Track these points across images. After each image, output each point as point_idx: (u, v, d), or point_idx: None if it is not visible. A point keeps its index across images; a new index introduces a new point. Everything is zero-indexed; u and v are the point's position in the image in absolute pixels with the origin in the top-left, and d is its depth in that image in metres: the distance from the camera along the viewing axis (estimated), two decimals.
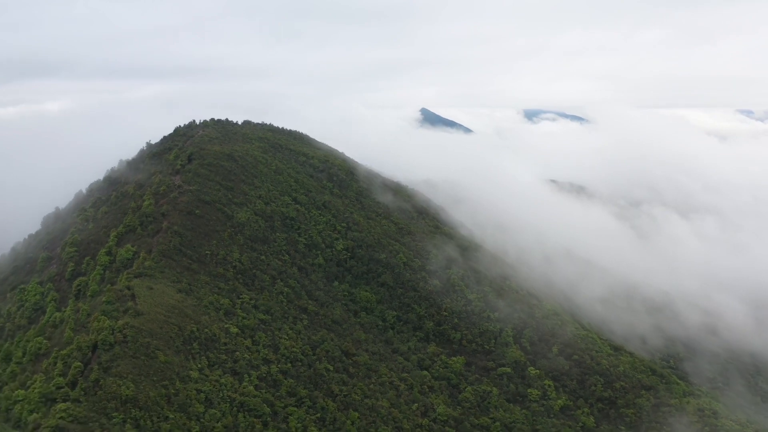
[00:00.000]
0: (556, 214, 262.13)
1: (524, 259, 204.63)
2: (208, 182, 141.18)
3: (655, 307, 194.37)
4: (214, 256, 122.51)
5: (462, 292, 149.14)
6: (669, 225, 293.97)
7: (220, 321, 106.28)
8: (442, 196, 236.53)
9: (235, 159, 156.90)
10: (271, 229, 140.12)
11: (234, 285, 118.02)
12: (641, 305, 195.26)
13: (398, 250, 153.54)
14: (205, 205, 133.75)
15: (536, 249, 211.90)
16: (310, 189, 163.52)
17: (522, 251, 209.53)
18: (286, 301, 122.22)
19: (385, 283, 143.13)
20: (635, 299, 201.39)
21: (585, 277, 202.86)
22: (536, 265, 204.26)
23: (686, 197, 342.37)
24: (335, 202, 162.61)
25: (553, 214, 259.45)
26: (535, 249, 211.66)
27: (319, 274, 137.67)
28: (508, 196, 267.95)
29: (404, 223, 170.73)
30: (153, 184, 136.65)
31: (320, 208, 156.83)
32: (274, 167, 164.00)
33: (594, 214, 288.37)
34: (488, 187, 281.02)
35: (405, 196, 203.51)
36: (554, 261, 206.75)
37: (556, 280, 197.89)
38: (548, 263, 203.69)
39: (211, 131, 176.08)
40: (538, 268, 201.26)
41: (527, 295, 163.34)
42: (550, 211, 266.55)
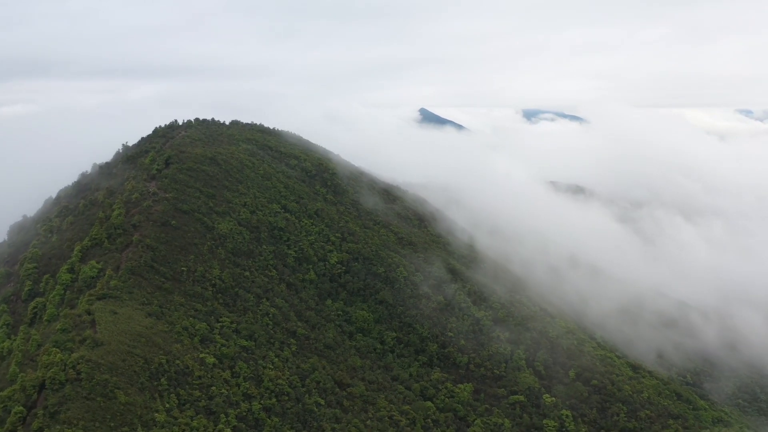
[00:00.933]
0: (559, 218, 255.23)
1: (530, 268, 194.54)
2: (186, 189, 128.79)
3: (669, 319, 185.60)
4: (191, 273, 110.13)
5: (468, 310, 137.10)
6: (674, 229, 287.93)
7: (195, 350, 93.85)
8: (442, 200, 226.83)
9: (219, 163, 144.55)
10: (256, 241, 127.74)
11: (213, 306, 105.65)
12: (654, 317, 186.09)
13: (398, 263, 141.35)
14: (183, 215, 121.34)
15: (541, 256, 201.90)
16: (302, 195, 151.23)
17: (527, 259, 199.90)
18: (272, 323, 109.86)
19: (384, 300, 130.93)
20: (647, 310, 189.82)
21: (593, 286, 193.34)
22: (543, 274, 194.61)
23: (688, 198, 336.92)
24: (329, 210, 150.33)
25: (555, 218, 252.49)
26: (540, 256, 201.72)
27: (311, 291, 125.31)
28: (509, 199, 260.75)
29: (404, 232, 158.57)
30: (125, 191, 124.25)
31: (312, 217, 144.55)
32: (262, 172, 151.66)
33: (597, 217, 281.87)
34: (489, 190, 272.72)
35: (405, 201, 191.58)
36: (560, 269, 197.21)
37: (564, 291, 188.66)
38: (555, 272, 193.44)
39: (194, 132, 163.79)
40: (545, 279, 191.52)
41: (539, 311, 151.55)
42: (552, 214, 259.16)
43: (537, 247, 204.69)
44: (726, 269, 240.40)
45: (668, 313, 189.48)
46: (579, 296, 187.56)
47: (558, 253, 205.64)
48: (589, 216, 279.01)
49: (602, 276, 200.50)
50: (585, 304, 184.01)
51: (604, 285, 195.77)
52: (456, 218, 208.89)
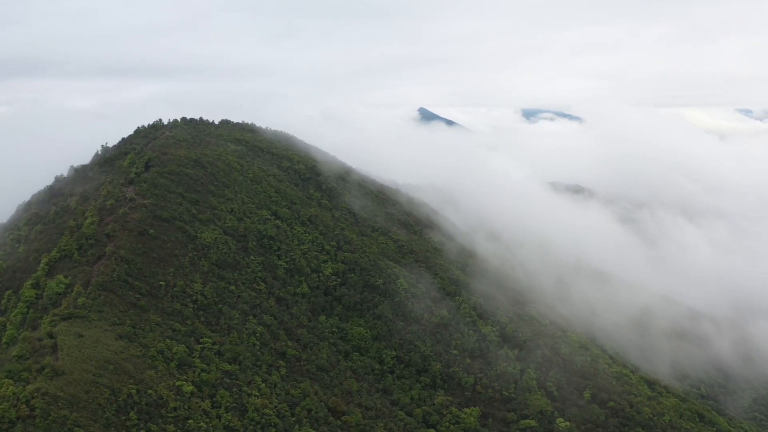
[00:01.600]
0: (560, 220, 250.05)
1: (534, 274, 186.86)
2: (167, 194, 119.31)
3: (679, 328, 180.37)
4: (170, 288, 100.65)
5: (474, 324, 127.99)
6: (676, 230, 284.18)
7: (171, 377, 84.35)
8: (441, 202, 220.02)
9: (204, 165, 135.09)
10: (243, 252, 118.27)
11: (193, 325, 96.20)
12: (664, 325, 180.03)
13: (398, 273, 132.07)
14: (162, 223, 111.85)
15: (545, 261, 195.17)
16: (294, 200, 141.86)
17: (531, 265, 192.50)
18: (260, 344, 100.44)
19: (383, 315, 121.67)
20: (656, 318, 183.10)
21: (600, 293, 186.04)
22: (548, 281, 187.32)
23: (689, 199, 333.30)
24: (324, 217, 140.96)
25: (557, 220, 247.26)
26: (544, 261, 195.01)
27: (303, 306, 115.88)
28: (510, 201, 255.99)
29: (404, 240, 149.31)
30: (99, 197, 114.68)
31: (305, 224, 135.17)
32: (251, 175, 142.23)
33: (599, 219, 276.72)
34: (488, 191, 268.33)
35: (404, 206, 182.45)
36: (565, 275, 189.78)
37: (570, 299, 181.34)
38: (560, 279, 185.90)
39: (179, 132, 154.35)
40: (551, 286, 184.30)
41: (549, 324, 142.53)
42: (553, 216, 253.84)
43: (540, 251, 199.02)
44: (733, 273, 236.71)
45: (678, 321, 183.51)
46: (586, 304, 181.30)
47: (562, 258, 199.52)
48: (590, 218, 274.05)
49: (608, 282, 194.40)
50: (593, 313, 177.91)
51: (611, 292, 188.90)
52: (456, 221, 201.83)
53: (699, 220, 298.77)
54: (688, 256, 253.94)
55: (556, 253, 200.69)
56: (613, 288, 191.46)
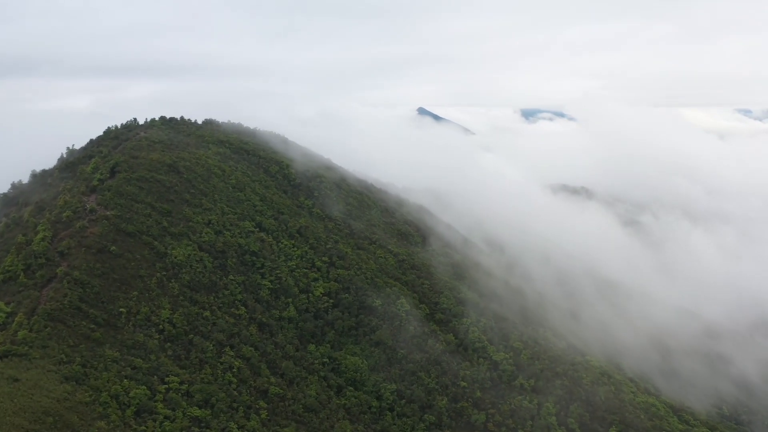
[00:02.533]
0: (564, 225, 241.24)
1: (543, 287, 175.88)
2: (134, 204, 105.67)
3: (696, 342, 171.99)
4: (132, 316, 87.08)
5: (485, 351, 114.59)
6: (683, 236, 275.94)
7: (126, 428, 70.75)
8: (441, 207, 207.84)
9: (179, 170, 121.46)
10: (221, 271, 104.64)
11: (158, 361, 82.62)
12: (680, 339, 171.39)
13: (399, 292, 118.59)
14: (127, 239, 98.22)
15: (551, 270, 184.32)
16: (282, 210, 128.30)
17: (537, 275, 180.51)
18: (237, 381, 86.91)
19: (381, 341, 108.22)
20: (671, 332, 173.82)
21: (612, 305, 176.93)
22: (557, 294, 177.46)
23: (692, 201, 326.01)
24: (315, 228, 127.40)
25: (560, 225, 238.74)
26: (550, 271, 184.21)
27: (289, 333, 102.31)
28: (511, 205, 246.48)
29: (405, 253, 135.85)
30: (55, 207, 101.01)
31: (294, 237, 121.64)
32: (234, 181, 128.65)
33: (603, 223, 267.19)
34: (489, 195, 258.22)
35: (404, 213, 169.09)
36: (574, 286, 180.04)
37: (582, 315, 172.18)
38: (568, 290, 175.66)
39: (155, 133, 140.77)
40: (561, 300, 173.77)
41: (568, 349, 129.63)
42: (557, 221, 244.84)
43: (544, 259, 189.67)
44: (743, 280, 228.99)
45: (694, 334, 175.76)
46: (599, 319, 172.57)
47: (567, 266, 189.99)
48: (594, 221, 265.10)
49: (618, 292, 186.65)
50: (607, 329, 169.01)
51: (622, 303, 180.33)
52: (457, 227, 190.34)
53: (703, 223, 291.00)
54: (696, 262, 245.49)
55: (561, 261, 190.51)
56: (624, 299, 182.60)
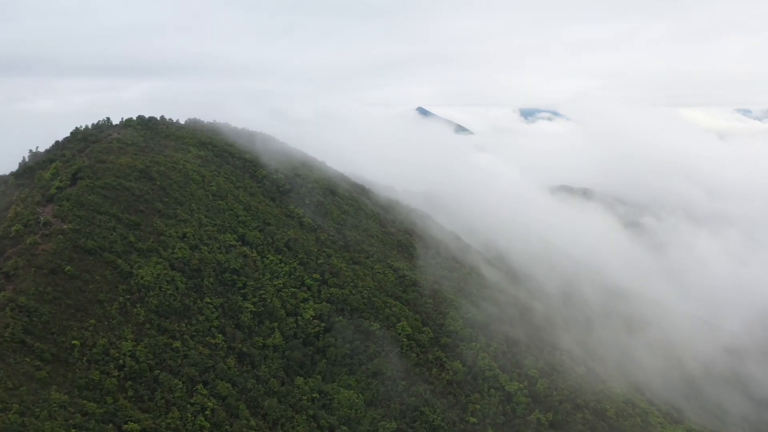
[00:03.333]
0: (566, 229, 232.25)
1: (551, 299, 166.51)
2: (96, 216, 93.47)
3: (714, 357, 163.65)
4: (87, 350, 75.00)
5: (496, 380, 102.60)
6: (688, 239, 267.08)
7: None
8: (440, 211, 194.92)
9: (152, 177, 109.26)
10: (196, 292, 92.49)
11: (116, 404, 70.50)
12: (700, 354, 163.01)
13: (399, 313, 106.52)
14: (86, 256, 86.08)
15: (558, 279, 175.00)
16: (269, 220, 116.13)
17: (543, 285, 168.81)
18: (210, 426, 74.64)
19: (380, 371, 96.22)
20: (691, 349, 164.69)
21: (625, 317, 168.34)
22: (567, 307, 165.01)
23: (694, 203, 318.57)
24: (305, 240, 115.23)
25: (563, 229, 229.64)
26: (557, 279, 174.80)
27: (274, 364, 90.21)
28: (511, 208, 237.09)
29: (406, 266, 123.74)
30: (4, 220, 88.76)
31: (281, 251, 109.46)
32: (215, 188, 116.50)
33: (606, 226, 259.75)
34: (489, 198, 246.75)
35: (404, 221, 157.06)
36: (583, 296, 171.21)
37: (596, 331, 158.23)
38: (578, 301, 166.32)
39: (130, 134, 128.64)
40: (571, 313, 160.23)
41: (587, 374, 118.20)
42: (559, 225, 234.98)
43: (550, 266, 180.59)
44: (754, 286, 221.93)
45: (712, 350, 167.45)
46: (613, 335, 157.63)
47: (574, 274, 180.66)
48: (597, 225, 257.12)
49: (630, 302, 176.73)
50: (623, 346, 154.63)
51: (635, 315, 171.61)
52: (458, 232, 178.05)
53: (706, 225, 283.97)
54: (704, 267, 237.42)
55: (567, 268, 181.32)
56: (636, 310, 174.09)
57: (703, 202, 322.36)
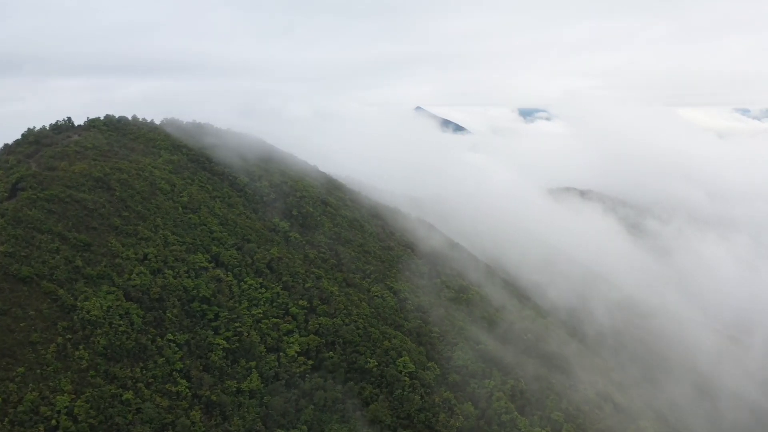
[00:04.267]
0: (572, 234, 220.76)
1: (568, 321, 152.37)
2: (37, 236, 78.84)
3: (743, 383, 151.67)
4: (12, 408, 60.29)
5: (514, 425, 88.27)
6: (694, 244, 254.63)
7: None
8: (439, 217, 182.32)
9: (111, 187, 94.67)
10: (156, 328, 77.87)
11: None
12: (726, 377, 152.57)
13: (400, 346, 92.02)
14: (18, 286, 71.47)
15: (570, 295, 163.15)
16: (249, 236, 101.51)
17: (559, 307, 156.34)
18: None
19: (377, 418, 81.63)
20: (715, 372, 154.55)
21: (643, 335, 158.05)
22: (581, 325, 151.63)
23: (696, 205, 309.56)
24: (291, 260, 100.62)
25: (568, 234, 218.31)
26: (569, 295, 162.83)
27: (250, 414, 75.55)
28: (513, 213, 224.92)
29: (408, 289, 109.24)
30: None
31: (262, 273, 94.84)
32: (186, 198, 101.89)
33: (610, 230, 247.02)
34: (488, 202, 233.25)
35: (405, 232, 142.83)
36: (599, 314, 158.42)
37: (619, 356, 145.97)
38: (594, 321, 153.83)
39: (92, 136, 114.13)
40: (592, 338, 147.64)
41: (616, 412, 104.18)
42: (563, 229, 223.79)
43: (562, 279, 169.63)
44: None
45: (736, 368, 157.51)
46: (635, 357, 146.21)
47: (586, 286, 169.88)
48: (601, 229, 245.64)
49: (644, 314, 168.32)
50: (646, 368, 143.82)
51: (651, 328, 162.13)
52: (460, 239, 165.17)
53: (710, 229, 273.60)
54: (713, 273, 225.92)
55: (575, 276, 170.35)
56: (651, 322, 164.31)
57: (705, 204, 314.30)
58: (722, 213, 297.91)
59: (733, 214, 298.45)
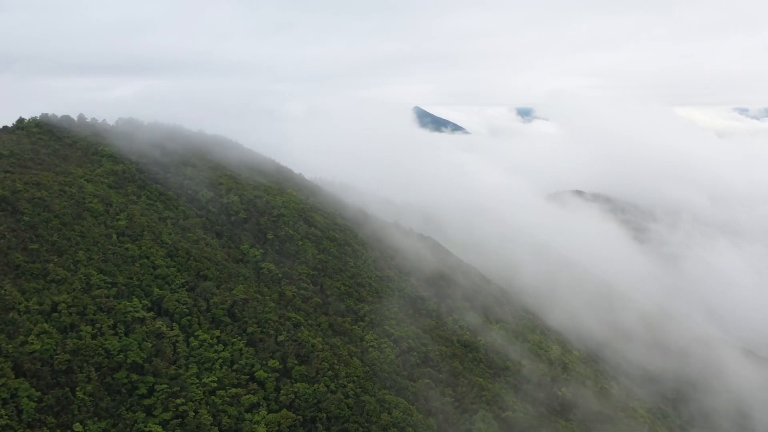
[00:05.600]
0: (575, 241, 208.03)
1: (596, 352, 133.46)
2: None
3: None
4: None
5: None
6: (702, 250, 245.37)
7: None
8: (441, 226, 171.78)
9: (18, 209, 72.73)
10: (58, 414, 55.67)
11: None
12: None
13: (403, 420, 70.14)
14: None
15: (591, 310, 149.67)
16: (206, 271, 79.46)
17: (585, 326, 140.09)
18: None
19: None
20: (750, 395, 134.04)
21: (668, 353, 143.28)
22: (619, 362, 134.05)
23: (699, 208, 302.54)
24: (261, 302, 78.61)
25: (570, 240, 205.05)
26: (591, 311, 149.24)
27: None
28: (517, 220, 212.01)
29: (414, 334, 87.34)
30: None
31: (220, 324, 72.83)
32: (124, 222, 79.78)
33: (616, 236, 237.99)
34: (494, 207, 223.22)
35: (410, 255, 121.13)
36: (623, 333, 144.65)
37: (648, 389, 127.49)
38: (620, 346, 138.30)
39: (13, 141, 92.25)
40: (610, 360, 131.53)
41: None
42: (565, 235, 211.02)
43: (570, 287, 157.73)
44: None
45: None
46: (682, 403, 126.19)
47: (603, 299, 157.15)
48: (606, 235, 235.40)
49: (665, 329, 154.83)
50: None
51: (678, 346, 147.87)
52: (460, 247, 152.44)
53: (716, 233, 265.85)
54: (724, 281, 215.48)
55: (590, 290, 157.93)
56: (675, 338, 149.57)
57: (708, 207, 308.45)
58: (727, 216, 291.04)
59: (739, 217, 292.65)
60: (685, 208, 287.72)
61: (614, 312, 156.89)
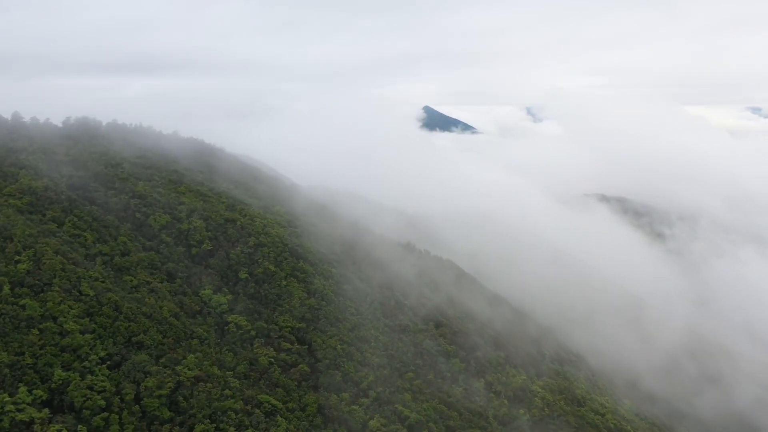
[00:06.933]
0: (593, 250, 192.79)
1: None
2: None
3: None
4: None
5: None
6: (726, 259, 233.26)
7: None
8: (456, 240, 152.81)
9: None
10: None
11: None
12: None
13: None
14: None
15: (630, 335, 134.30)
16: (140, 336, 56.55)
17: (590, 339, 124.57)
18: None
19: None
20: None
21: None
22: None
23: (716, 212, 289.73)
24: (218, 382, 55.60)
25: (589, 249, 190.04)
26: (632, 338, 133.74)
27: None
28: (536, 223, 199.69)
29: (434, 413, 64.12)
30: None
31: (154, 423, 49.81)
32: (25, 266, 57.03)
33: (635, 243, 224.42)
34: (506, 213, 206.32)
35: (428, 296, 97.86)
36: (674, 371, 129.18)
37: None
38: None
39: None
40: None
41: None
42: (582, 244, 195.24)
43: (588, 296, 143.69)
44: None
45: None
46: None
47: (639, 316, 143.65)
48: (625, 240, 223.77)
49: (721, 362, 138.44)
50: None
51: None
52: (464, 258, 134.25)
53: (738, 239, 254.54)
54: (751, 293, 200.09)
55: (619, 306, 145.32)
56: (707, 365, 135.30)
57: (724, 210, 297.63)
58: (746, 221, 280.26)
59: (758, 221, 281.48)
60: (702, 212, 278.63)
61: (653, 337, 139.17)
